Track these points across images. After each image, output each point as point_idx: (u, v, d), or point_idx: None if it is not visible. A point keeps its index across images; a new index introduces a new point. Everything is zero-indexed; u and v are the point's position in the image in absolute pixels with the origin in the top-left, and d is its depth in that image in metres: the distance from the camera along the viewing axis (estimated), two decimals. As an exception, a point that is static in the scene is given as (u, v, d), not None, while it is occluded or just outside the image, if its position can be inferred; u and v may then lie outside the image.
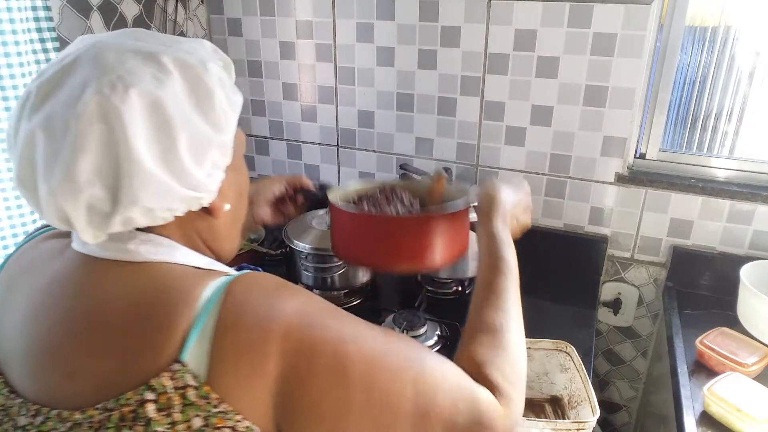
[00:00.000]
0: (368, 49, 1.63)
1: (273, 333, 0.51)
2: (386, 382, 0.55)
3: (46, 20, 1.19)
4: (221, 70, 0.60)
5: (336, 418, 0.53)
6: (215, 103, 0.56)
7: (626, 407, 1.76)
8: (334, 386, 0.53)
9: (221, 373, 0.50)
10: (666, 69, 1.43)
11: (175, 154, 0.53)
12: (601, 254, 1.56)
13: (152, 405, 0.49)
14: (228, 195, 0.62)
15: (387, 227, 0.86)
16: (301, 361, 0.52)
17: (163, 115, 0.52)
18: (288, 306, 0.54)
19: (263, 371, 0.50)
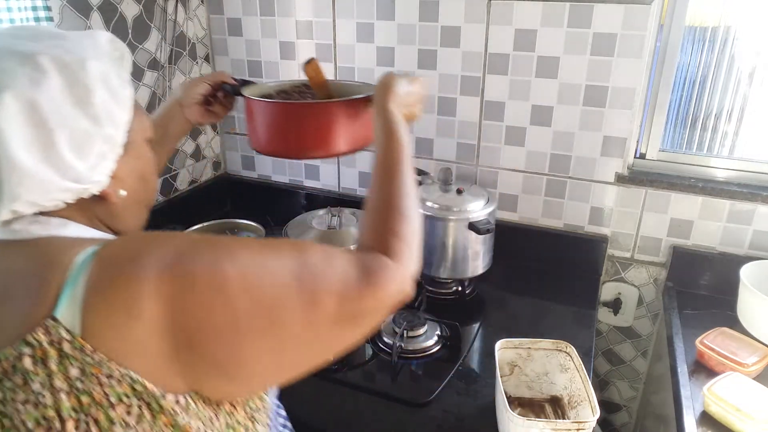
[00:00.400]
0: (368, 49, 1.63)
1: (142, 279, 0.53)
2: (266, 280, 0.58)
3: (46, 20, 1.20)
4: (106, 65, 0.62)
5: (229, 332, 0.56)
6: (95, 99, 0.59)
7: (626, 407, 1.76)
8: (217, 304, 0.55)
9: (95, 325, 0.52)
10: (666, 69, 1.43)
11: (56, 151, 0.56)
12: (601, 254, 1.56)
13: (29, 359, 0.52)
14: (126, 181, 0.66)
15: (292, 113, 0.96)
16: (178, 294, 0.54)
17: (40, 116, 0.55)
18: (157, 252, 0.56)
19: (139, 316, 0.53)
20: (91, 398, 0.53)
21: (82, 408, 0.52)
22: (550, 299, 1.47)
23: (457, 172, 1.65)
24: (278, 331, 0.59)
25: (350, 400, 1.11)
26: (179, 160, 1.81)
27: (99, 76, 0.60)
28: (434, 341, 1.25)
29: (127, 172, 0.66)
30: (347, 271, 0.63)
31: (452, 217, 1.35)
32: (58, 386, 0.52)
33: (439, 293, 1.47)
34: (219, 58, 1.86)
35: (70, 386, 0.52)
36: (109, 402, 0.53)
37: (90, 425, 0.52)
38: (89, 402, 0.53)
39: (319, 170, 1.86)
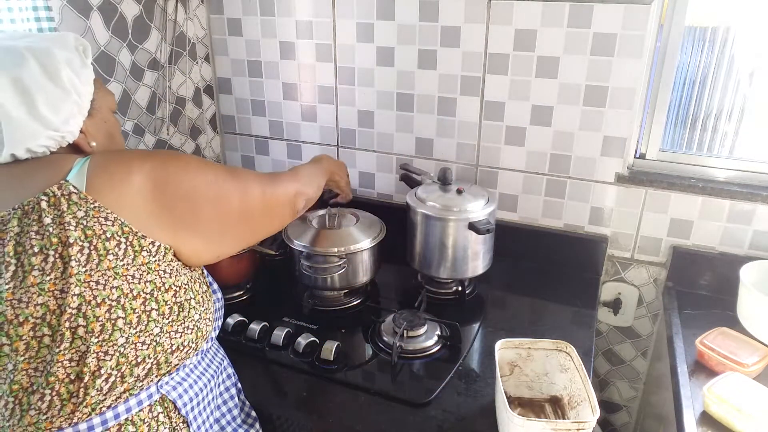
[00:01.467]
0: (368, 49, 1.63)
1: (135, 159, 0.81)
2: (221, 173, 0.93)
3: (47, 20, 1.20)
4: (71, 53, 0.85)
5: (193, 199, 0.86)
6: (62, 75, 0.82)
7: (626, 407, 1.76)
8: (188, 177, 0.86)
9: (96, 186, 0.77)
10: (666, 69, 1.43)
11: (37, 109, 0.79)
12: (601, 254, 1.56)
13: (45, 202, 0.75)
14: (95, 136, 0.89)
15: None
16: (161, 170, 0.82)
17: (23, 86, 0.78)
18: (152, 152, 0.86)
19: (130, 183, 0.79)
20: (93, 231, 0.75)
21: (86, 238, 0.75)
22: (550, 299, 1.47)
23: (457, 172, 1.65)
24: (225, 204, 0.91)
25: (350, 400, 1.11)
26: (179, 160, 1.80)
27: (63, 59, 0.83)
28: (434, 341, 1.25)
29: (96, 129, 0.90)
30: (263, 180, 1.03)
31: (452, 217, 1.35)
32: (66, 221, 0.74)
33: (439, 293, 1.47)
34: (219, 58, 1.86)
35: (77, 222, 0.75)
36: (106, 236, 0.76)
37: (92, 250, 0.75)
38: (92, 234, 0.75)
39: (319, 170, 1.86)
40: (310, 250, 1.34)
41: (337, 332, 1.30)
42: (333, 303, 1.43)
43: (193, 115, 1.85)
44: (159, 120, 1.69)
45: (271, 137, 1.89)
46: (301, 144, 1.85)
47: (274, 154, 1.92)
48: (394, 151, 1.72)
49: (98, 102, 0.91)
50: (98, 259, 0.75)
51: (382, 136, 1.72)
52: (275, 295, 1.47)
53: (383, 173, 1.77)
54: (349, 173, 1.80)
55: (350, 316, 1.39)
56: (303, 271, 1.37)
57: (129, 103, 1.57)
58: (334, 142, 1.80)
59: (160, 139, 1.71)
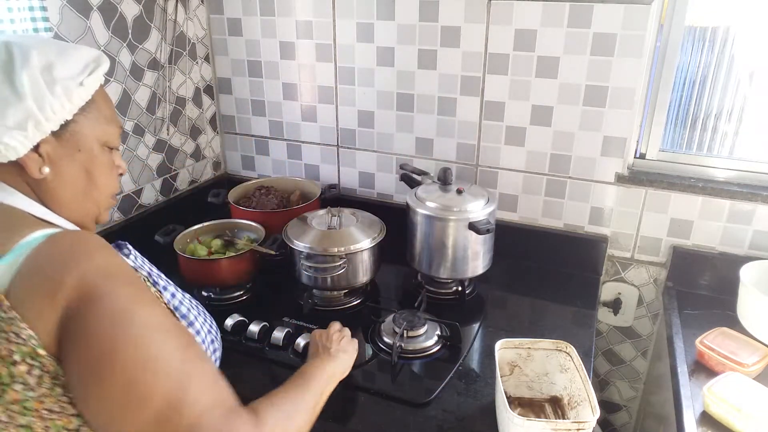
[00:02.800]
0: (368, 49, 1.63)
1: (72, 272, 0.61)
2: (156, 351, 0.62)
3: (42, 20, 1.20)
4: (64, 63, 0.72)
5: (103, 360, 0.60)
6: (22, 76, 0.68)
7: (626, 407, 1.76)
8: (111, 330, 0.60)
9: (19, 289, 0.59)
10: (666, 69, 1.43)
11: None
12: (601, 254, 1.56)
13: None
14: (56, 163, 0.73)
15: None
16: (88, 301, 0.60)
17: None
18: (95, 260, 0.63)
19: (53, 299, 0.59)
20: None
21: None
22: (550, 299, 1.47)
23: (457, 172, 1.65)
24: (134, 395, 0.60)
25: (350, 400, 1.11)
26: (179, 160, 1.81)
27: (38, 64, 0.70)
28: (434, 341, 1.25)
29: (59, 156, 0.74)
30: (216, 404, 0.64)
31: (452, 217, 1.35)
32: None
33: (439, 293, 1.47)
34: (219, 58, 1.86)
35: None
36: (13, 359, 0.58)
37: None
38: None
39: (319, 170, 1.86)
40: (310, 250, 1.34)
41: (337, 332, 1.30)
42: (333, 303, 1.43)
43: (193, 115, 1.85)
44: (159, 120, 1.69)
45: (271, 137, 1.89)
46: (301, 144, 1.85)
47: (274, 154, 1.92)
48: (394, 151, 1.72)
49: (80, 126, 0.75)
50: (0, 389, 0.58)
51: (382, 136, 1.72)
52: (275, 295, 1.47)
53: (383, 173, 1.77)
54: (350, 173, 1.81)
55: (350, 316, 1.39)
56: (303, 271, 1.37)
57: (129, 103, 1.57)
58: (334, 142, 1.80)
59: (160, 139, 1.71)
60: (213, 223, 1.54)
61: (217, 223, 1.54)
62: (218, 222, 1.55)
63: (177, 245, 1.41)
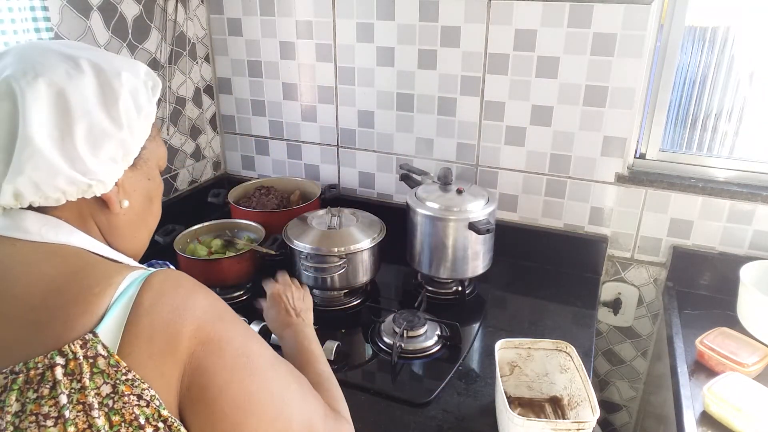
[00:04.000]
0: (368, 49, 1.63)
1: (187, 321, 0.57)
2: (280, 382, 0.66)
3: (44, 20, 1.20)
4: (139, 83, 0.68)
5: (238, 404, 0.59)
6: (119, 103, 0.64)
7: (626, 407, 1.76)
8: (239, 376, 0.60)
9: (133, 348, 0.54)
10: (666, 69, 1.43)
11: (71, 139, 0.60)
12: (601, 254, 1.56)
13: (60, 369, 0.52)
14: (131, 194, 0.68)
15: None
16: (209, 351, 0.58)
17: (66, 104, 0.59)
18: (201, 302, 0.60)
19: (173, 352, 0.56)
20: (121, 417, 0.53)
21: (111, 427, 0.53)
22: (550, 299, 1.47)
23: (457, 172, 1.65)
24: (280, 427, 0.63)
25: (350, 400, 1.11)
26: (179, 160, 1.81)
27: (129, 87, 0.65)
28: (434, 341, 1.25)
29: (134, 186, 0.69)
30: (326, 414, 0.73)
31: (452, 217, 1.35)
32: (89, 402, 0.52)
33: (439, 293, 1.47)
34: (219, 58, 1.86)
35: (101, 404, 0.53)
36: (139, 423, 0.53)
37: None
38: (119, 420, 0.53)
39: (319, 170, 1.86)
40: (310, 250, 1.34)
41: (337, 332, 1.30)
42: (333, 303, 1.43)
43: (193, 115, 1.85)
44: (159, 120, 1.69)
45: (271, 137, 1.89)
46: (301, 144, 1.85)
47: (274, 154, 1.92)
48: (394, 151, 1.72)
49: (148, 152, 0.70)
50: None
51: (382, 136, 1.72)
52: (275, 295, 1.47)
53: (383, 173, 1.77)
54: (350, 173, 1.82)
55: (350, 316, 1.39)
56: (303, 271, 1.37)
57: (129, 103, 1.57)
58: (334, 142, 1.80)
59: (160, 139, 1.71)
60: (213, 223, 1.54)
61: (217, 223, 1.54)
62: (218, 222, 1.55)
63: (177, 245, 1.41)
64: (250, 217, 1.57)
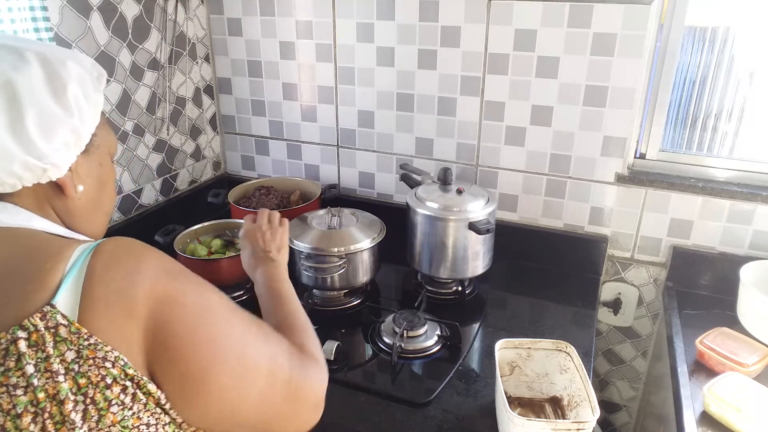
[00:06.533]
0: (368, 49, 1.63)
1: (141, 284, 0.59)
2: (240, 327, 0.68)
3: (43, 20, 1.20)
4: (85, 72, 0.70)
5: (204, 353, 0.62)
6: (68, 91, 0.66)
7: (626, 407, 1.76)
8: (199, 323, 0.62)
9: (92, 314, 0.57)
10: (666, 69, 1.43)
11: (23, 126, 0.62)
12: (601, 254, 1.56)
13: (24, 342, 0.55)
14: (85, 180, 0.71)
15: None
16: (168, 306, 0.60)
17: (14, 93, 0.61)
18: (153, 262, 0.62)
19: (132, 314, 0.58)
20: (88, 380, 0.56)
21: (79, 390, 0.55)
22: (550, 299, 1.47)
23: (457, 172, 1.65)
24: (248, 376, 0.65)
25: (350, 400, 1.11)
26: (179, 160, 1.81)
27: (76, 75, 0.68)
28: (434, 341, 1.25)
29: (87, 171, 0.72)
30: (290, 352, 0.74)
31: (452, 217, 1.35)
32: (54, 369, 0.55)
33: (439, 293, 1.47)
34: (219, 58, 1.86)
35: (67, 369, 0.55)
36: (105, 383, 0.56)
37: (88, 405, 0.55)
38: (86, 383, 0.56)
39: (319, 170, 1.86)
40: (310, 250, 1.34)
41: (337, 332, 1.30)
42: (333, 303, 1.43)
43: (193, 115, 1.85)
44: (159, 120, 1.69)
45: (271, 137, 1.89)
46: (301, 144, 1.85)
47: (274, 154, 1.92)
48: (394, 151, 1.72)
49: (99, 139, 0.73)
50: (98, 414, 0.56)
51: (382, 136, 1.72)
52: (275, 295, 1.47)
53: (383, 173, 1.77)
54: (350, 173, 1.81)
55: (350, 316, 1.39)
56: (303, 271, 1.37)
57: (129, 103, 1.57)
58: (334, 142, 1.80)
59: (160, 139, 1.71)
60: (213, 223, 1.54)
61: (217, 223, 1.54)
62: (218, 222, 1.55)
63: (177, 245, 1.41)
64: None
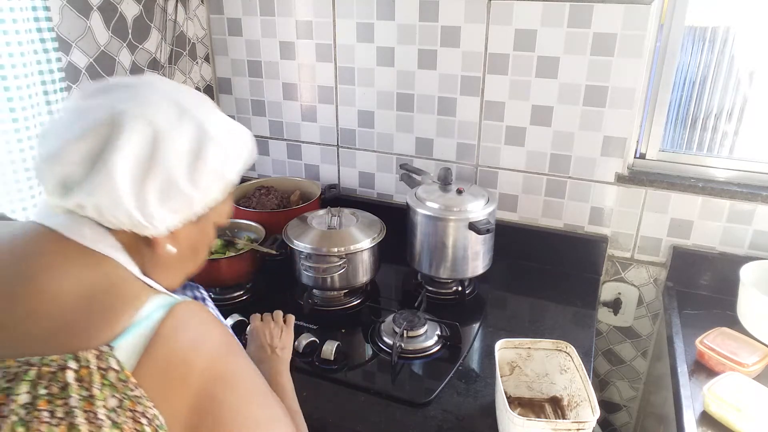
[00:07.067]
0: (368, 49, 1.63)
1: (202, 356, 0.61)
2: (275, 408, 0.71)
3: (45, 20, 1.20)
4: (234, 153, 0.70)
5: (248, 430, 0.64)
6: (205, 169, 0.66)
7: (626, 407, 1.76)
8: (248, 405, 0.64)
9: (147, 370, 0.57)
10: (666, 69, 1.43)
11: (146, 183, 0.62)
12: (601, 254, 1.56)
13: (72, 373, 0.53)
14: (180, 243, 0.70)
15: None
16: (222, 384, 0.62)
17: (154, 150, 0.62)
18: (216, 338, 0.64)
19: (185, 382, 0.59)
20: (120, 431, 0.54)
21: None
22: (550, 299, 1.47)
23: (457, 172, 1.65)
24: None
25: (350, 400, 1.11)
26: (179, 160, 1.80)
27: (222, 156, 0.67)
28: (434, 341, 1.25)
29: (186, 236, 0.71)
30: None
31: (452, 217, 1.35)
32: (94, 411, 0.53)
33: (439, 293, 1.47)
34: (219, 58, 1.86)
35: (106, 416, 0.53)
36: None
37: None
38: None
39: (319, 170, 1.86)
40: (310, 250, 1.34)
41: (337, 332, 1.30)
42: (333, 303, 1.43)
43: (193, 115, 1.84)
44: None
45: (271, 137, 1.89)
46: (301, 144, 1.85)
47: (274, 154, 1.92)
48: (394, 151, 1.72)
49: (213, 212, 0.72)
50: None
51: (382, 136, 1.72)
52: (275, 295, 1.47)
53: (383, 173, 1.77)
54: (350, 173, 1.81)
55: (350, 316, 1.39)
56: (303, 271, 1.37)
57: (129, 103, 1.57)
58: (334, 142, 1.80)
59: (160, 139, 1.71)
60: (213, 223, 1.53)
61: (217, 223, 1.54)
62: (218, 222, 1.54)
63: (177, 245, 1.41)
64: (250, 217, 1.57)
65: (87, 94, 0.66)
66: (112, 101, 0.63)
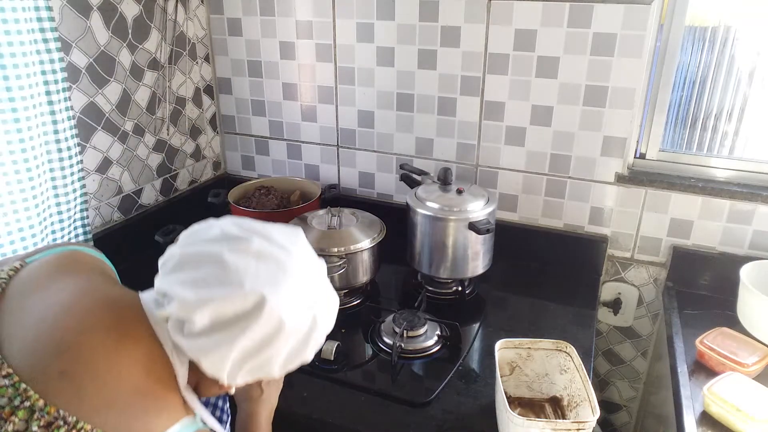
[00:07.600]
0: (368, 49, 1.63)
1: None
2: None
3: (48, 20, 1.20)
4: (322, 339, 0.75)
5: None
6: (299, 359, 0.72)
7: (626, 407, 1.76)
8: None
9: None
10: (666, 69, 1.43)
11: (246, 361, 0.68)
12: (601, 254, 1.56)
13: None
14: (237, 389, 0.79)
15: None
16: None
17: (272, 341, 0.67)
18: None
19: None
20: None
21: None
22: (550, 299, 1.47)
23: (457, 172, 1.65)
24: None
25: (350, 400, 1.11)
26: (179, 160, 1.81)
27: (315, 349, 0.74)
28: (434, 341, 1.25)
29: (246, 388, 0.80)
30: None
31: (452, 217, 1.35)
32: None
33: (439, 293, 1.47)
34: (219, 58, 1.86)
35: None
36: None
37: None
38: None
39: (319, 170, 1.86)
40: (310, 250, 1.34)
41: (337, 332, 1.29)
42: (333, 303, 1.43)
43: (193, 115, 1.85)
44: (159, 120, 1.69)
45: (271, 137, 1.89)
46: (301, 144, 1.85)
47: (274, 154, 1.92)
48: (394, 151, 1.72)
49: (275, 383, 0.89)
50: None
51: (382, 136, 1.72)
52: (275, 295, 1.47)
53: (383, 173, 1.77)
54: (350, 173, 1.81)
55: (350, 316, 1.39)
56: (303, 271, 1.37)
57: (129, 103, 1.57)
58: (334, 142, 1.80)
59: (160, 139, 1.71)
60: (213, 223, 1.53)
61: (217, 223, 1.54)
62: (218, 222, 1.54)
63: (177, 245, 1.41)
64: (250, 217, 1.56)
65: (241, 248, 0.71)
66: (260, 279, 0.67)
